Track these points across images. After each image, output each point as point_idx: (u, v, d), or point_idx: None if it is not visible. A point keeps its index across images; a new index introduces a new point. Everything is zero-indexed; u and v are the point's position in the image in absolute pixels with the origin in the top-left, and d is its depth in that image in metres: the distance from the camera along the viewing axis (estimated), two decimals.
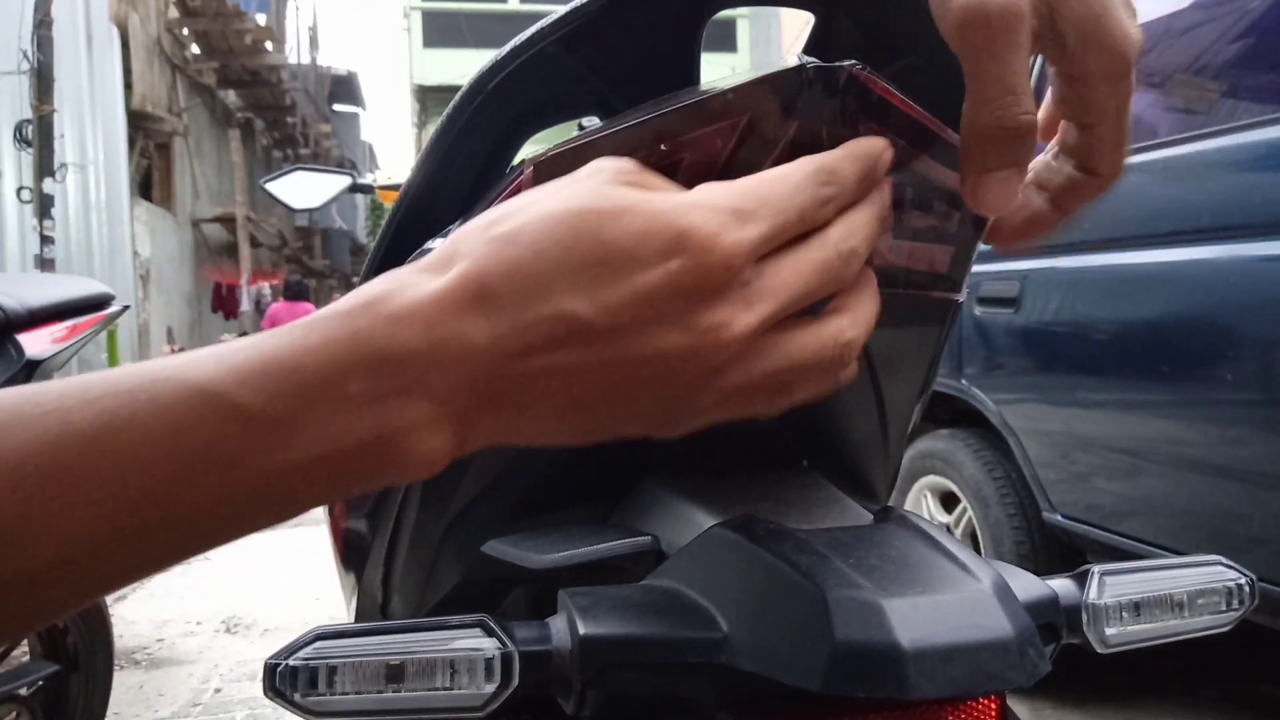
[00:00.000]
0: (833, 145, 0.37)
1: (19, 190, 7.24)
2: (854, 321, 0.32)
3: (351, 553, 0.77)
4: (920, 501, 2.50)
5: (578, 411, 0.30)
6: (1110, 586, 0.43)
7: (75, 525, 0.25)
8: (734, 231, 0.29)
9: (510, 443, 0.31)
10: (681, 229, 0.28)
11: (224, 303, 12.97)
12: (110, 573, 0.27)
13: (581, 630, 0.37)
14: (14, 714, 1.58)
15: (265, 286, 12.52)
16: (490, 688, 0.36)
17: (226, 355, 0.27)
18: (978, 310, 2.20)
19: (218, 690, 2.41)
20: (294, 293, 10.00)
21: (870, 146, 0.34)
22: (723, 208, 0.29)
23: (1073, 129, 0.36)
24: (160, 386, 0.26)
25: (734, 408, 0.31)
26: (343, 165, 14.69)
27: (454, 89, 0.47)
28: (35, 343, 1.30)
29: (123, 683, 2.40)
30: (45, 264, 6.67)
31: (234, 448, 0.26)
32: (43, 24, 6.78)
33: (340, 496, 0.29)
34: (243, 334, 11.77)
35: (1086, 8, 0.33)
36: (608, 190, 0.29)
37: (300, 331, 0.28)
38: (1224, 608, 0.44)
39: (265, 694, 0.36)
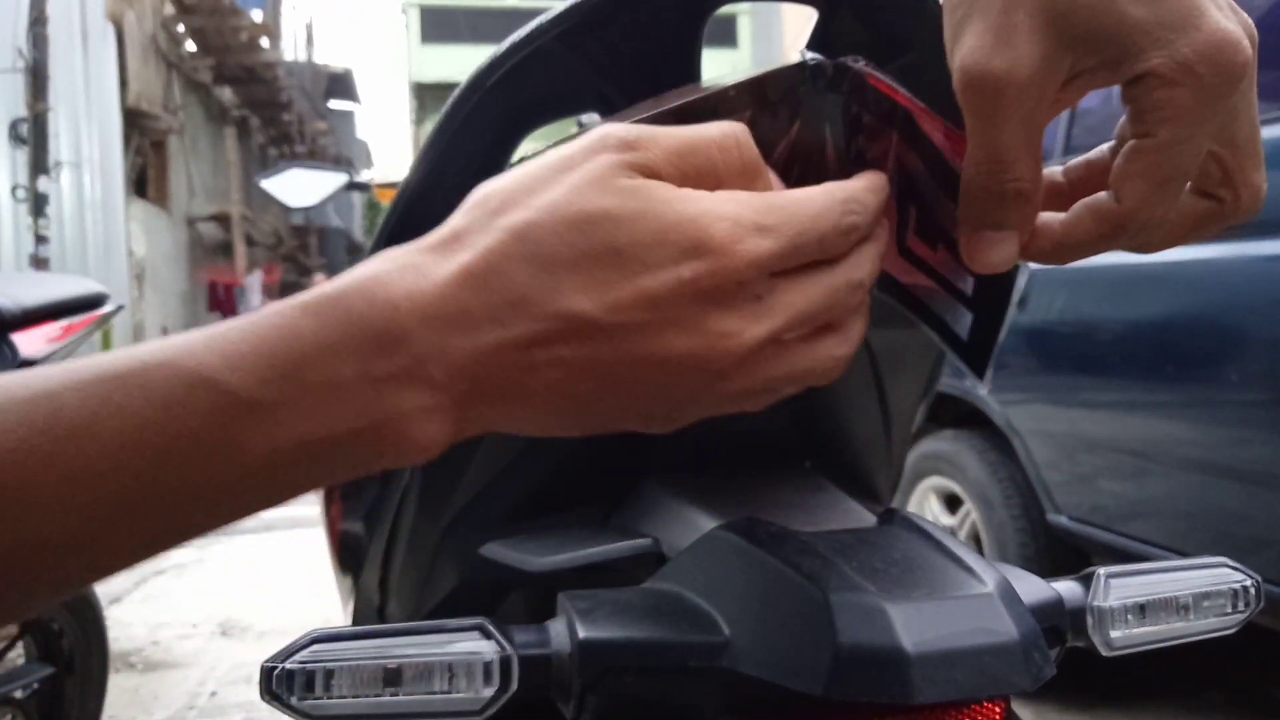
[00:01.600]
0: (836, 142, 0.37)
1: (14, 189, 7.23)
2: (846, 339, 0.33)
3: (348, 555, 0.76)
4: (924, 503, 2.50)
5: (576, 405, 0.30)
6: (1115, 589, 0.43)
7: (66, 506, 0.25)
8: (752, 243, 0.29)
9: (508, 430, 0.31)
10: (699, 236, 0.29)
11: (221, 302, 12.98)
12: (102, 556, 0.27)
13: (581, 634, 0.37)
14: (9, 716, 1.57)
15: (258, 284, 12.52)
16: (489, 691, 0.35)
17: (217, 339, 0.27)
18: None
19: (214, 694, 2.40)
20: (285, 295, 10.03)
21: (882, 180, 0.34)
22: (744, 219, 0.29)
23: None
24: (152, 373, 0.26)
25: (726, 407, 0.32)
26: (339, 163, 14.68)
27: (452, 85, 0.47)
28: (30, 343, 1.29)
29: (118, 686, 2.39)
30: (40, 263, 6.67)
31: (226, 433, 0.26)
32: (38, 21, 6.77)
33: (334, 480, 0.29)
34: None
35: (1149, 10, 0.29)
36: (620, 184, 0.29)
37: (294, 313, 0.28)
38: (1230, 610, 0.44)
39: (261, 697, 0.35)
